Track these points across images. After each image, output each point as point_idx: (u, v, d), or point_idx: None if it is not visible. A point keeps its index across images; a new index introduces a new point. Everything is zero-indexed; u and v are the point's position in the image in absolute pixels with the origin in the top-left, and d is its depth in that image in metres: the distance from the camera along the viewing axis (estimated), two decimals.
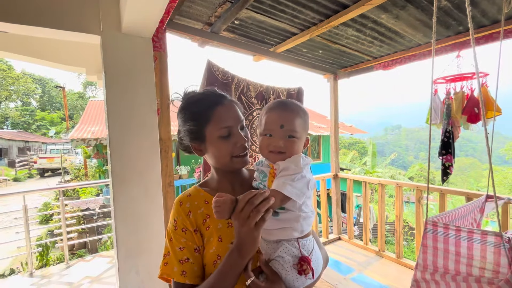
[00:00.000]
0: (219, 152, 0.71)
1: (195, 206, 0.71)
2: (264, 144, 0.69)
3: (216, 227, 0.69)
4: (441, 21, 2.03)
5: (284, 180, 0.61)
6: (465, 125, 2.05)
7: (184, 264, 0.66)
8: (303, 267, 0.61)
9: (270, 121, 0.69)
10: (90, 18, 1.64)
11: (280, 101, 0.74)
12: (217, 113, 0.70)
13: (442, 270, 0.87)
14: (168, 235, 0.71)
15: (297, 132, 0.68)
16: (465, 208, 1.32)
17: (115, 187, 1.65)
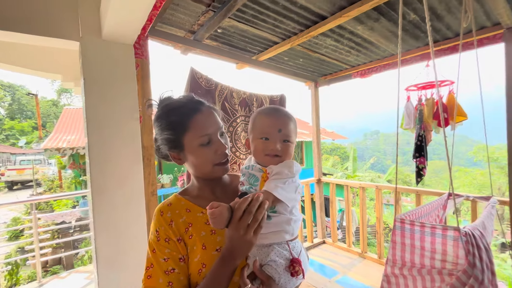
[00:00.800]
0: (199, 160, 0.70)
1: (177, 215, 0.70)
2: (260, 148, 0.71)
3: (199, 235, 0.68)
4: (410, 33, 2.18)
5: (275, 183, 0.64)
6: (436, 129, 2.20)
7: (170, 275, 0.65)
8: (295, 268, 0.63)
9: (267, 125, 0.71)
10: (68, 24, 1.60)
11: (274, 107, 0.76)
12: (196, 121, 0.69)
13: (409, 264, 0.92)
14: (150, 246, 0.68)
15: (291, 137, 0.72)
16: (429, 205, 1.42)
17: (95, 198, 1.59)
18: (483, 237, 0.89)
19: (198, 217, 0.70)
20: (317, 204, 3.44)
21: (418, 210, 1.25)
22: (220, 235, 0.68)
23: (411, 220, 0.92)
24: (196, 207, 0.72)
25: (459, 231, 0.82)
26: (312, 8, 1.84)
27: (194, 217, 0.70)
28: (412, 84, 2.35)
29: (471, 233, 0.84)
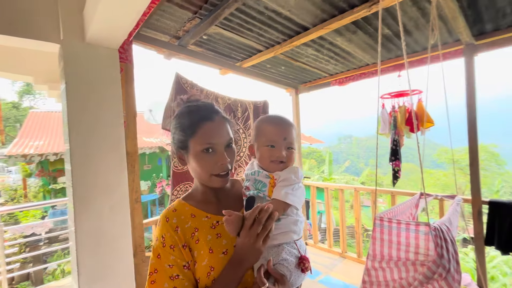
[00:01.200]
0: (199, 167, 0.71)
1: (182, 220, 0.71)
2: (267, 155, 0.75)
3: (206, 239, 0.69)
4: (384, 46, 2.37)
5: (285, 190, 0.68)
6: (407, 134, 2.39)
7: (174, 280, 0.66)
8: (305, 265, 0.68)
9: (273, 133, 0.75)
10: (48, 26, 1.54)
11: (278, 116, 0.81)
12: (203, 129, 0.71)
13: (387, 257, 1.01)
14: (155, 252, 0.69)
15: (294, 144, 0.77)
16: (404, 205, 1.56)
17: (77, 206, 1.53)
18: (450, 231, 1.01)
19: (204, 222, 0.72)
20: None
21: (394, 209, 1.36)
22: (226, 238, 0.70)
23: (389, 218, 1.01)
24: (201, 212, 0.73)
25: (429, 226, 0.92)
26: (295, 20, 1.93)
27: (200, 222, 0.72)
28: (386, 92, 2.54)
29: (439, 227, 0.95)
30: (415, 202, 1.63)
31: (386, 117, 2.48)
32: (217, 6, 1.75)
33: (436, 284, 0.91)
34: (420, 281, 0.91)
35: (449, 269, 0.89)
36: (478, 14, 1.83)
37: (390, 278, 1.01)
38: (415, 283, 0.92)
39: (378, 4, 1.62)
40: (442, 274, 0.87)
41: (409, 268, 0.96)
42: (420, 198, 1.69)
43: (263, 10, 1.81)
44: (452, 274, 0.89)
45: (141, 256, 1.88)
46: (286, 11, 1.82)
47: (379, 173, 14.44)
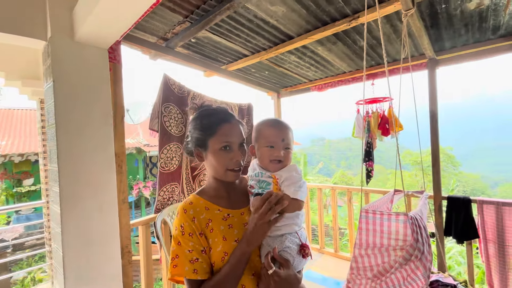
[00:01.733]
0: (216, 162, 0.81)
1: (198, 212, 0.80)
2: (266, 155, 0.84)
3: (219, 228, 0.78)
4: (360, 56, 2.58)
5: (294, 188, 0.77)
6: (379, 137, 2.63)
7: (194, 263, 0.74)
8: (306, 251, 0.78)
9: (272, 135, 0.84)
10: (34, 22, 1.50)
11: (276, 119, 0.90)
12: (222, 129, 0.80)
13: (372, 245, 1.16)
14: (175, 240, 0.77)
15: (291, 145, 0.87)
16: (381, 200, 1.75)
17: (64, 207, 1.49)
18: (422, 220, 1.18)
19: (216, 214, 0.81)
20: None
21: (374, 204, 1.54)
22: (237, 229, 0.80)
23: (373, 210, 1.16)
24: (214, 206, 0.82)
25: (407, 215, 1.08)
26: (282, 29, 2.06)
27: (213, 214, 0.80)
28: (361, 98, 2.76)
29: (414, 216, 1.12)
30: (390, 197, 1.83)
31: (361, 121, 2.71)
32: (209, 12, 1.81)
33: (412, 264, 1.07)
34: (400, 263, 1.06)
35: (423, 251, 1.05)
36: (439, 33, 2.10)
37: (375, 263, 1.15)
38: (396, 265, 1.07)
39: (357, 19, 1.79)
40: (418, 256, 1.04)
41: (390, 253, 1.11)
42: (394, 194, 1.90)
43: (252, 18, 1.91)
44: (426, 255, 1.06)
45: (127, 257, 1.87)
46: (274, 20, 1.93)
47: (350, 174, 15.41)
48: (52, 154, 1.57)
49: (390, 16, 1.86)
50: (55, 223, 1.60)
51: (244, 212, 0.84)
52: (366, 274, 1.17)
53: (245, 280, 0.75)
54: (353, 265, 1.22)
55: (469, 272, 2.28)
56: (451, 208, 2.31)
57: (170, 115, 2.17)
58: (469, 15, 1.84)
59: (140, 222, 2.07)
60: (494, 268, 2.12)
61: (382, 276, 1.12)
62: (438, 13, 1.81)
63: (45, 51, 1.57)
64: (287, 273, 0.72)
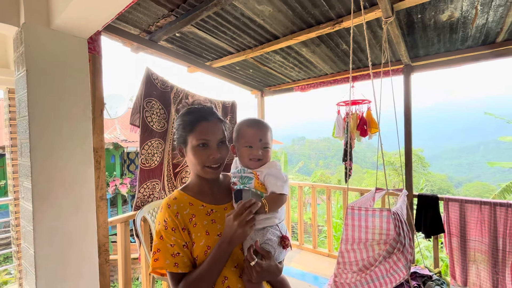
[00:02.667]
0: (194, 159, 0.83)
1: (181, 208, 0.81)
2: (246, 154, 0.88)
3: (203, 223, 0.80)
4: (341, 59, 2.68)
5: (279, 183, 0.82)
6: (358, 138, 2.75)
7: (176, 257, 0.76)
8: (286, 242, 0.82)
9: (250, 136, 0.88)
10: (5, 5, 1.40)
11: (255, 119, 0.93)
12: (200, 126, 0.82)
13: (357, 240, 1.22)
14: (158, 234, 0.79)
15: (269, 144, 0.90)
16: (364, 198, 1.84)
17: (36, 204, 1.41)
18: (403, 215, 1.26)
19: (200, 210, 0.83)
20: None
21: (358, 201, 1.62)
22: (220, 223, 0.82)
23: (358, 206, 1.22)
24: (197, 201, 0.84)
25: (390, 211, 1.16)
26: (268, 28, 2.08)
27: (197, 209, 0.82)
28: (341, 100, 2.87)
29: (396, 212, 1.19)
30: (372, 196, 1.94)
31: (341, 122, 2.81)
32: (196, 7, 1.79)
33: (394, 256, 1.15)
34: (384, 256, 1.14)
35: (405, 244, 1.13)
36: (415, 41, 2.23)
37: (360, 257, 1.22)
38: (379, 258, 1.14)
39: (341, 23, 1.86)
40: (400, 248, 1.12)
41: (374, 247, 1.18)
42: (376, 192, 2.01)
43: (239, 16, 1.91)
44: (407, 247, 1.14)
45: (105, 256, 1.81)
46: (261, 19, 1.95)
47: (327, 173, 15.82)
48: (23, 147, 1.47)
49: (371, 22, 1.95)
50: (25, 221, 1.51)
51: (227, 207, 0.87)
52: (352, 268, 1.24)
53: (228, 272, 0.78)
54: (340, 260, 1.28)
55: (435, 264, 2.46)
56: (421, 205, 2.48)
57: (152, 110, 2.12)
58: (441, 25, 1.98)
59: (119, 220, 2.01)
60: (457, 260, 2.31)
61: (367, 270, 1.19)
62: (414, 22, 1.93)
63: (17, 38, 1.47)
64: (269, 264, 0.76)
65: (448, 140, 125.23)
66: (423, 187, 14.11)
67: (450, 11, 1.78)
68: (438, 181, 29.59)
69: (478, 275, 2.21)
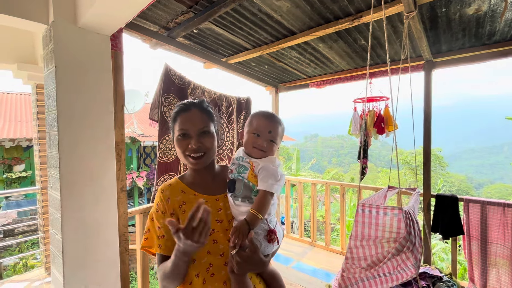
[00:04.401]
0: (177, 148, 0.87)
1: (173, 194, 0.86)
2: (251, 141, 0.88)
3: None
4: (359, 55, 2.62)
5: (271, 181, 0.79)
6: (375, 136, 2.70)
7: (160, 239, 0.81)
8: (271, 237, 0.82)
9: (261, 125, 0.88)
10: (36, 5, 1.48)
11: (272, 113, 0.93)
12: (180, 117, 0.86)
13: (367, 237, 1.22)
14: (150, 216, 0.86)
15: (277, 139, 0.90)
16: (375, 196, 1.82)
17: (64, 194, 1.50)
18: (414, 214, 1.25)
19: (191, 198, 0.86)
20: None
21: (369, 199, 1.61)
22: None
23: (369, 204, 1.21)
24: (190, 190, 0.88)
25: (401, 210, 1.14)
26: (285, 24, 2.07)
27: (188, 197, 0.86)
28: (358, 97, 2.82)
29: (408, 211, 1.18)
30: (384, 194, 1.91)
31: (358, 119, 2.76)
32: (214, 4, 1.81)
33: (404, 255, 1.14)
34: (393, 254, 1.13)
35: (415, 243, 1.12)
36: (437, 36, 2.15)
37: (369, 253, 1.22)
38: (388, 255, 1.13)
39: (360, 19, 1.82)
40: (410, 247, 1.11)
41: (384, 245, 1.17)
42: (388, 190, 1.98)
43: (257, 12, 1.91)
44: (417, 247, 1.13)
45: (124, 245, 1.89)
46: (278, 15, 1.94)
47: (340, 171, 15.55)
48: (52, 140, 1.56)
49: (391, 17, 1.89)
50: (54, 209, 1.60)
51: (219, 198, 0.87)
52: (360, 264, 1.24)
53: (213, 259, 0.79)
54: (348, 255, 1.28)
55: (452, 267, 2.40)
56: (439, 206, 2.41)
57: (170, 105, 2.17)
58: (467, 19, 1.90)
59: (137, 211, 2.09)
60: (476, 263, 2.24)
61: (375, 266, 1.19)
62: (438, 16, 1.86)
63: (46, 35, 1.55)
64: (250, 255, 0.75)
65: (469, 139, 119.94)
66: (440, 188, 13.64)
67: (477, 4, 1.71)
68: (456, 182, 28.49)
69: (499, 280, 2.13)
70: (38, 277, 2.50)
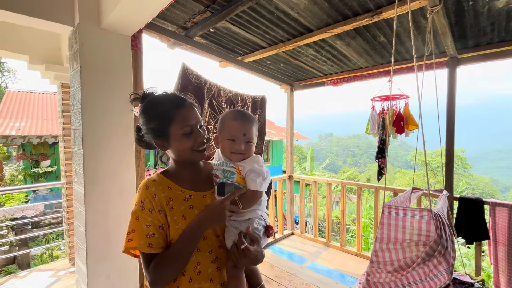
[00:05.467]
0: (182, 146, 0.81)
1: (160, 190, 0.81)
2: (227, 147, 0.86)
3: (180, 208, 0.80)
4: (378, 52, 2.55)
5: (258, 180, 0.82)
6: (393, 135, 2.62)
7: (150, 238, 0.76)
8: (270, 231, 0.86)
9: (234, 129, 0.86)
10: (62, 8, 1.55)
11: (240, 112, 0.90)
12: (181, 114, 0.80)
13: (393, 240, 1.19)
14: (133, 214, 0.79)
15: (253, 139, 0.89)
16: (400, 197, 1.77)
17: (87, 189, 1.57)
18: (445, 217, 1.20)
19: (178, 194, 0.83)
20: (288, 199, 3.71)
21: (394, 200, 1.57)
22: (198, 209, 0.82)
23: (396, 205, 1.18)
24: (176, 186, 0.84)
25: (431, 212, 1.10)
26: (302, 21, 2.05)
27: (175, 194, 0.82)
28: (376, 95, 2.74)
29: (438, 213, 1.13)
30: (408, 195, 1.85)
31: (376, 118, 2.69)
32: (231, 3, 1.82)
33: (435, 260, 1.09)
34: (423, 258, 1.09)
35: (447, 247, 1.07)
36: (463, 31, 2.05)
37: (396, 257, 1.18)
38: (418, 260, 1.09)
39: (380, 14, 1.77)
40: (441, 251, 1.06)
41: (412, 248, 1.13)
42: (412, 192, 1.92)
43: (274, 10, 1.90)
44: (449, 251, 1.08)
45: None
46: (295, 12, 1.92)
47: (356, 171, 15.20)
48: (77, 137, 1.63)
49: (413, 12, 1.82)
50: (78, 203, 1.68)
51: (206, 195, 0.85)
52: (387, 268, 1.20)
53: (201, 257, 0.79)
54: (374, 258, 1.25)
55: (476, 273, 2.29)
56: (462, 209, 2.31)
57: None
58: (496, 13, 1.79)
59: None
60: (502, 270, 2.13)
61: (403, 271, 1.15)
62: (464, 10, 1.77)
63: (72, 37, 1.62)
64: (257, 249, 0.79)
65: (495, 140, 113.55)
66: (462, 190, 13.03)
67: None
68: (480, 184, 27.10)
69: None
70: (63, 267, 2.63)
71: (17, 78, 21.68)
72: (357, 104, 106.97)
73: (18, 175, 6.84)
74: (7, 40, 2.31)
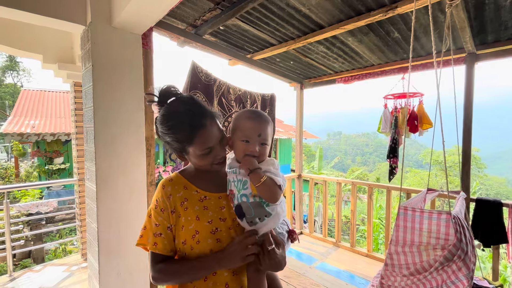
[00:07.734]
0: (201, 163, 0.81)
1: (175, 190, 0.81)
2: (241, 149, 0.80)
3: (194, 208, 0.80)
4: (391, 48, 2.48)
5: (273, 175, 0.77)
6: (407, 134, 2.55)
7: (156, 237, 0.78)
8: (294, 236, 0.83)
9: (248, 129, 0.80)
10: (75, 7, 1.56)
11: (255, 111, 0.85)
12: (200, 137, 0.76)
13: (409, 242, 1.15)
14: (148, 212, 0.82)
15: (268, 140, 0.83)
16: (415, 198, 1.72)
17: (99, 186, 1.58)
18: (464, 219, 1.15)
19: (193, 195, 0.82)
20: (297, 198, 3.68)
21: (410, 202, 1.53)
22: (212, 211, 0.80)
23: (412, 207, 1.14)
24: (192, 186, 0.84)
25: (450, 214, 1.06)
26: (313, 18, 2.01)
27: (190, 194, 0.82)
28: (389, 93, 2.67)
29: (457, 216, 1.09)
30: (423, 196, 1.80)
31: (388, 117, 2.62)
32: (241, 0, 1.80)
33: (454, 265, 1.05)
34: (441, 262, 1.04)
35: (467, 252, 1.03)
36: (483, 25, 1.97)
37: (411, 261, 1.14)
38: (435, 264, 1.05)
39: (395, 9, 1.71)
40: (461, 256, 1.02)
41: (429, 252, 1.09)
42: (427, 193, 1.86)
43: (284, 7, 1.87)
44: (469, 256, 1.04)
45: None
46: (306, 9, 1.88)
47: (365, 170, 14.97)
48: (89, 134, 1.65)
49: (431, 6, 1.76)
50: (90, 200, 1.70)
51: (221, 196, 0.84)
52: (402, 271, 1.16)
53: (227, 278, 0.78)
54: (388, 261, 1.21)
55: (493, 277, 2.21)
56: (479, 211, 2.23)
57: None
58: None
59: None
60: None
61: (419, 275, 1.11)
62: (485, 3, 1.69)
63: (84, 36, 1.63)
64: (281, 253, 0.77)
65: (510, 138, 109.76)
66: (476, 191, 12.64)
67: None
68: (495, 185, 26.26)
69: None
70: (76, 262, 2.69)
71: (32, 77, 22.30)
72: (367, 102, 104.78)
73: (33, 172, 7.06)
74: (23, 40, 2.36)
